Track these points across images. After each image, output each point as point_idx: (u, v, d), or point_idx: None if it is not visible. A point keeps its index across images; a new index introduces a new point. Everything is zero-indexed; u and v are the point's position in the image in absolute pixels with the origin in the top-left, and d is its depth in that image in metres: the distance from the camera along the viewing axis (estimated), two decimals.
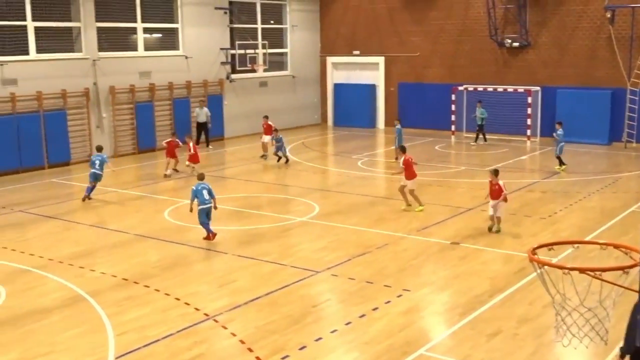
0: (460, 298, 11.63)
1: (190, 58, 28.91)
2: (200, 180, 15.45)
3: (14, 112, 23.23)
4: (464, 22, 31.06)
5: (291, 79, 34.14)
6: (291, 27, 33.93)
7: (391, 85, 33.50)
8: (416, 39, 32.39)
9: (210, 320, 10.80)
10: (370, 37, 33.67)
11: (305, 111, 34.79)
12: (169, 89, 28.21)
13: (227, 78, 30.76)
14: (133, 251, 14.63)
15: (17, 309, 11.39)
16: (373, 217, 17.10)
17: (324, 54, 35.37)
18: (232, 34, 31.08)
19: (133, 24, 27.23)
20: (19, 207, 18.49)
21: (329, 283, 12.57)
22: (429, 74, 32.33)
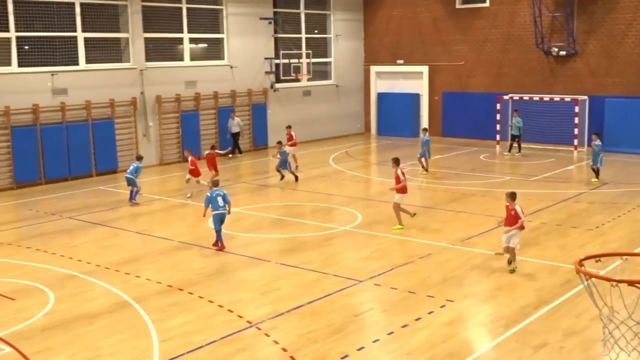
0: (505, 309, 11.48)
1: (235, 68, 29.23)
2: (215, 186, 15.72)
3: (63, 121, 23.78)
4: (509, 31, 30.78)
5: (335, 88, 34.24)
6: (335, 37, 34.05)
7: (435, 95, 33.35)
8: (461, 47, 32.20)
9: (253, 327, 10.87)
10: (414, 46, 33.59)
11: (349, 120, 34.83)
12: (214, 98, 28.55)
13: (271, 87, 31.00)
14: (178, 258, 14.81)
15: (66, 313, 11.63)
16: (416, 227, 17.01)
17: (367, 63, 35.39)
18: (277, 43, 31.33)
19: (179, 35, 27.66)
20: (68, 213, 18.88)
21: (372, 292, 12.54)
22: (473, 83, 32.09)
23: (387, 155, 28.36)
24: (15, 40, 22.76)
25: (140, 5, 25.84)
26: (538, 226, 16.78)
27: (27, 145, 22.79)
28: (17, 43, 22.84)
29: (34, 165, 23.00)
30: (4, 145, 22.50)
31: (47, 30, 23.60)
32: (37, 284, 13.08)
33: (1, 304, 12.14)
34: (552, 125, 28.35)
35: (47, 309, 11.81)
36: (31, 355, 9.97)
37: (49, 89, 23.45)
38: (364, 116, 35.83)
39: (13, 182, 22.63)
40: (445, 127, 33.04)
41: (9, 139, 22.51)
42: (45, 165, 23.32)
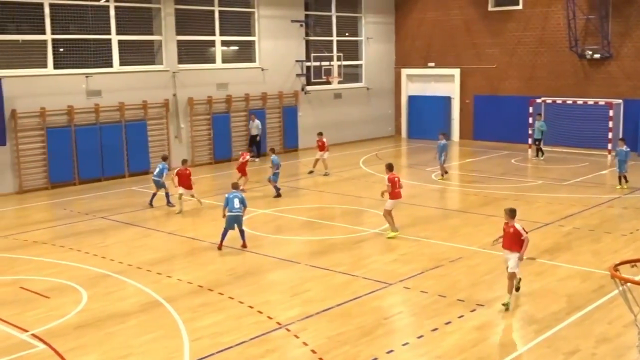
0: (536, 315, 11.37)
1: (266, 70, 29.36)
2: (234, 189, 16.00)
3: (97, 122, 24.10)
4: (542, 34, 30.48)
5: (365, 91, 34.20)
6: (366, 40, 34.03)
7: (466, 98, 33.15)
8: (493, 50, 31.98)
9: (282, 329, 10.90)
10: (446, 49, 33.43)
11: (379, 123, 34.77)
12: (245, 100, 28.70)
13: (302, 90, 31.08)
14: (208, 259, 14.92)
15: (98, 312, 11.78)
16: (446, 230, 16.93)
17: (398, 66, 35.31)
18: (308, 46, 31.41)
19: (211, 37, 27.87)
20: (101, 213, 19.13)
21: (401, 295, 12.50)
22: (505, 86, 31.84)
23: (418, 159, 28.34)
24: (51, 42, 23.12)
25: (173, 8, 26.09)
26: (570, 231, 16.59)
27: (61, 146, 23.13)
28: (53, 45, 23.21)
29: (68, 166, 23.33)
30: (39, 145, 22.86)
31: (82, 32, 23.95)
32: (70, 283, 13.27)
33: (36, 301, 12.34)
34: (586, 129, 27.96)
35: (80, 307, 11.98)
36: (64, 353, 10.12)
37: (84, 90, 23.79)
38: (395, 119, 35.74)
39: (48, 182, 22.98)
40: (477, 130, 32.83)
41: (44, 139, 22.87)
42: (79, 166, 23.65)
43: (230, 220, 15.40)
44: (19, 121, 22.26)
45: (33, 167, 22.79)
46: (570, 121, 28.21)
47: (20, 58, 22.84)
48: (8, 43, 22.41)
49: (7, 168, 22.25)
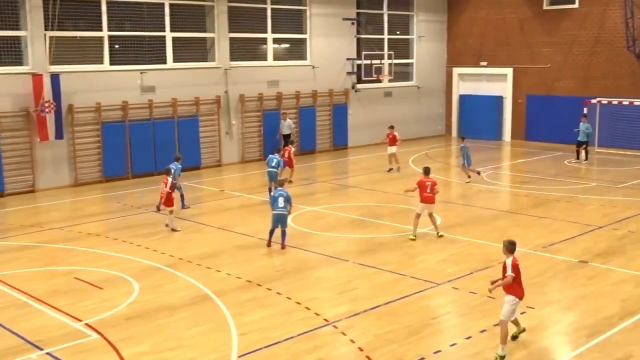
0: (588, 319, 11.17)
1: (317, 68, 29.44)
2: (280, 187, 15.91)
3: (151, 117, 24.51)
4: (599, 33, 29.84)
5: (416, 90, 34.01)
6: (418, 38, 33.82)
7: (519, 97, 32.68)
8: (547, 49, 31.44)
9: (330, 325, 10.94)
10: (499, 48, 33.00)
11: (430, 122, 34.53)
12: (296, 97, 28.83)
13: (353, 88, 31.06)
14: (257, 254, 15.05)
15: (149, 303, 12.00)
16: (496, 231, 16.73)
17: (450, 65, 35.00)
18: (359, 44, 31.37)
19: (263, 35, 28.07)
20: (153, 207, 19.42)
21: (450, 296, 12.42)
22: (559, 86, 31.28)
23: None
24: (108, 39, 23.61)
25: (226, 5, 26.36)
26: (625, 235, 16.22)
27: (116, 140, 23.60)
28: (109, 42, 23.69)
29: (122, 160, 23.80)
30: (94, 140, 23.37)
31: (137, 30, 24.40)
32: (123, 274, 13.55)
33: (89, 292, 12.65)
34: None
35: (132, 299, 12.22)
36: (116, 343, 10.34)
37: (138, 86, 24.22)
38: (445, 118, 35.46)
39: (102, 175, 23.48)
40: (529, 130, 32.34)
41: (99, 134, 23.37)
42: (133, 160, 24.09)
43: (275, 219, 15.31)
44: (76, 116, 22.79)
45: (88, 160, 23.32)
46: (626, 122, 27.60)
47: (77, 54, 23.38)
48: (66, 40, 22.95)
49: (64, 161, 22.80)
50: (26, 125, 21.83)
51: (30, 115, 21.75)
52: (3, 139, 21.35)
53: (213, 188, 22.44)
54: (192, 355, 9.93)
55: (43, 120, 21.75)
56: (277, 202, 15.26)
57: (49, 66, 22.12)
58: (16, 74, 21.62)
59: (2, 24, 21.41)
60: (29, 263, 14.52)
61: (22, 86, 21.50)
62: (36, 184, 22.14)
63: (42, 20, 21.86)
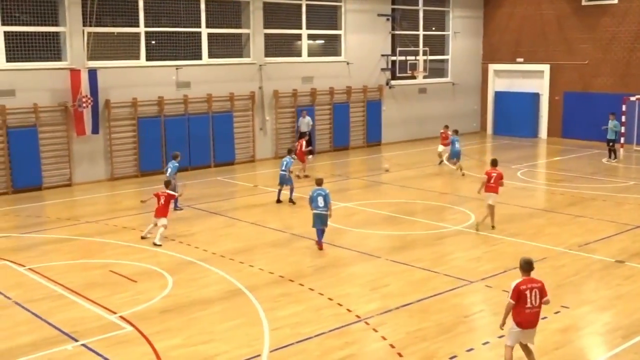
0: (624, 320, 10.99)
1: (352, 64, 29.38)
2: (318, 185, 15.20)
3: (186, 113, 24.71)
4: (638, 29, 29.28)
5: (451, 86, 33.76)
6: (453, 34, 33.56)
7: (556, 94, 32.23)
8: (585, 46, 30.95)
9: (361, 322, 10.93)
10: (536, 44, 32.58)
11: (465, 119, 34.22)
12: (330, 94, 28.81)
13: (387, 84, 30.94)
14: (289, 250, 15.09)
15: (183, 297, 12.12)
16: (531, 229, 16.55)
17: (485, 61, 34.66)
18: (394, 40, 31.23)
19: (298, 31, 28.09)
20: (187, 202, 19.61)
21: (483, 294, 12.32)
22: (597, 83, 30.78)
23: (503, 156, 27.71)
24: (144, 35, 23.85)
25: (261, 2, 26.44)
26: None
27: (151, 135, 23.85)
28: (146, 38, 23.94)
29: (157, 155, 24.03)
30: (130, 135, 23.65)
31: (173, 25, 24.61)
32: (157, 268, 13.70)
33: (124, 285, 12.81)
34: None
35: (166, 292, 12.35)
36: (150, 335, 10.46)
37: (174, 82, 24.43)
38: (480, 115, 35.14)
39: (138, 170, 23.75)
40: (566, 128, 31.88)
41: (135, 129, 23.63)
42: (168, 156, 24.28)
43: (316, 219, 14.87)
44: (112, 111, 23.09)
45: (124, 155, 23.61)
46: None
47: (114, 50, 23.68)
48: (104, 35, 23.25)
49: (101, 156, 23.12)
50: (64, 120, 22.17)
51: (68, 110, 22.09)
52: (41, 133, 21.71)
53: (247, 183, 22.56)
54: (224, 349, 10.00)
55: (80, 115, 22.07)
56: (317, 202, 14.79)
57: (87, 62, 22.44)
58: (55, 69, 21.97)
59: (41, 20, 21.78)
60: (65, 256, 14.76)
61: (61, 81, 21.83)
62: (73, 178, 22.48)
63: (81, 16, 22.16)
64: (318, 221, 14.94)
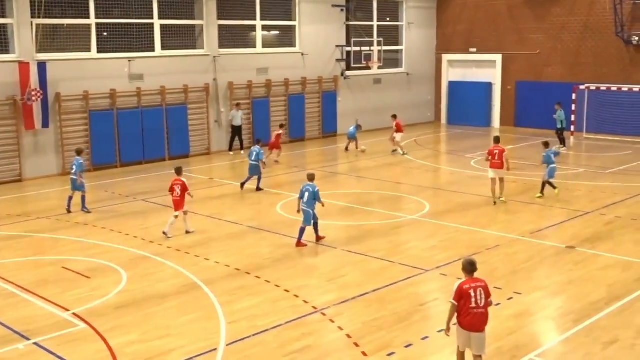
0: (575, 304, 11.23)
1: (307, 55, 29.33)
2: (310, 181, 14.86)
3: (139, 106, 24.39)
4: (587, 19, 29.85)
5: (405, 77, 33.97)
6: (407, 25, 33.75)
7: (509, 84, 32.70)
8: (537, 36, 31.44)
9: (318, 313, 10.96)
10: (488, 35, 32.98)
11: (419, 109, 34.51)
12: (285, 85, 28.74)
13: (342, 75, 30.99)
14: (246, 243, 15.04)
15: (138, 293, 11.99)
16: (485, 217, 16.79)
17: (439, 52, 34.97)
18: (348, 31, 31.27)
19: (253, 22, 27.92)
20: (142, 196, 19.40)
21: (438, 282, 12.46)
22: (549, 72, 31.31)
23: (457, 145, 28.09)
24: (95, 26, 23.43)
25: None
26: (612, 220, 16.31)
27: (104, 129, 23.48)
28: (97, 30, 23.51)
29: (110, 149, 23.69)
30: (82, 129, 23.25)
31: (125, 17, 24.21)
32: (111, 264, 13.52)
33: (77, 281, 12.61)
34: (631, 116, 27.42)
35: (120, 288, 12.20)
36: (104, 332, 10.33)
37: (126, 74, 24.08)
38: (435, 105, 35.46)
39: (91, 164, 23.35)
40: (519, 117, 32.39)
41: (87, 122, 23.24)
42: (121, 149, 23.99)
43: (304, 215, 14.56)
44: (63, 104, 22.65)
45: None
46: (614, 108, 27.72)
47: (64, 42, 23.19)
48: (53, 27, 22.76)
49: (52, 150, 22.68)
50: (13, 114, 21.68)
51: (17, 104, 21.61)
52: None
53: (202, 176, 22.38)
54: (180, 344, 9.92)
55: (30, 109, 21.62)
56: (304, 198, 14.53)
57: (36, 54, 21.96)
58: (3, 62, 21.45)
59: None
60: (17, 253, 14.47)
61: (9, 75, 21.34)
62: (23, 173, 22.02)
63: (29, 8, 21.66)
64: (305, 218, 14.59)
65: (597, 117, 27.85)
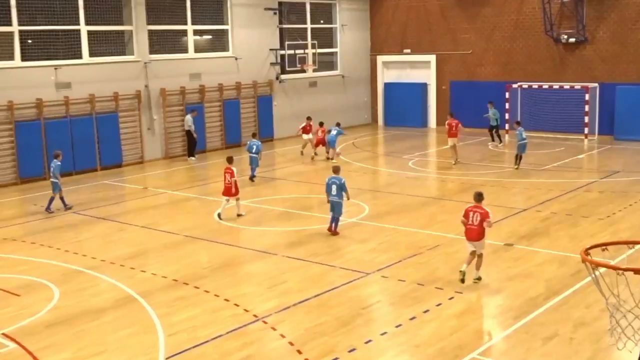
0: (514, 301, 11.47)
1: (240, 59, 29.20)
2: (335, 173, 15.88)
3: (67, 115, 23.82)
4: (517, 18, 30.62)
5: (341, 79, 34.18)
6: (341, 27, 33.97)
7: (443, 84, 33.25)
8: (469, 36, 32.08)
9: (259, 321, 10.89)
10: (422, 35, 33.48)
11: (356, 111, 34.77)
12: (219, 90, 28.54)
13: (277, 79, 30.98)
14: (183, 252, 14.84)
15: (71, 309, 11.67)
16: (424, 218, 17.01)
17: (374, 53, 35.31)
18: (282, 34, 31.28)
19: (183, 26, 27.64)
20: (73, 208, 18.92)
21: (379, 285, 12.54)
22: (482, 71, 31.98)
23: (395, 147, 28.42)
24: (18, 34, 22.78)
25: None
26: (548, 216, 16.74)
27: (31, 140, 22.82)
28: (20, 37, 22.87)
29: (38, 160, 23.04)
30: (7, 140, 22.56)
31: (50, 23, 23.62)
32: (42, 280, 13.13)
33: (6, 300, 12.20)
34: (562, 113, 28.23)
35: (52, 305, 11.86)
36: (36, 352, 10.02)
37: (53, 83, 23.49)
38: (371, 107, 35.78)
39: (18, 177, 22.70)
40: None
41: (12, 134, 22.57)
42: (50, 160, 23.32)
43: (331, 206, 15.65)
44: None
45: (1, 162, 22.49)
46: (546, 106, 28.49)
47: None
48: None
49: None
50: None
51: None
52: None
53: (136, 186, 22.02)
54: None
55: None
56: (331, 190, 15.56)
57: None
58: None
59: None
60: None
61: None
62: None
63: None
64: (332, 209, 15.63)
65: (530, 115, 28.55)
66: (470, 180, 20.99)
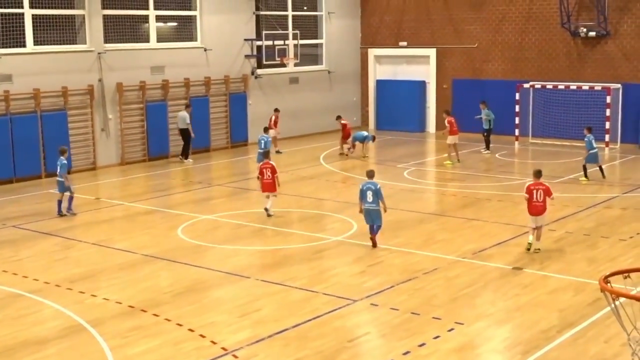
0: (524, 333, 11.54)
1: (210, 50, 29.27)
2: (370, 178, 16.17)
3: (7, 112, 23.75)
4: (530, 8, 30.91)
5: (327, 75, 34.32)
6: (327, 15, 34.13)
7: (444, 82, 33.46)
8: (474, 27, 32.32)
9: (229, 355, 10.88)
10: (420, 26, 33.69)
11: (343, 112, 34.59)
12: (185, 86, 28.57)
13: (252, 74, 31.07)
14: (141, 274, 14.82)
15: (8, 339, 11.61)
16: (421, 237, 17.08)
17: (365, 46, 35.49)
18: (259, 22, 31.38)
19: (144, 12, 27.67)
20: (12, 222, 18.87)
21: (368, 314, 12.58)
22: (488, 68, 32.22)
23: (388, 154, 28.56)
24: None
25: None
26: (563, 236, 16.87)
27: None
28: None
29: None
30: None
31: None
32: None
33: None
34: (580, 118, 28.42)
35: None
36: None
37: None
38: (361, 107, 35.92)
39: None
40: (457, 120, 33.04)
41: None
42: None
43: (366, 215, 15.97)
44: None
45: None
46: (562, 109, 28.72)
47: None
48: None
49: None
50: None
51: None
52: None
53: (87, 196, 21.94)
54: None
55: None
56: (366, 196, 15.76)
57: None
58: None
59: None
60: None
61: None
62: None
63: None
64: (368, 217, 16.00)
65: (543, 120, 28.81)
66: (473, 194, 21.12)
